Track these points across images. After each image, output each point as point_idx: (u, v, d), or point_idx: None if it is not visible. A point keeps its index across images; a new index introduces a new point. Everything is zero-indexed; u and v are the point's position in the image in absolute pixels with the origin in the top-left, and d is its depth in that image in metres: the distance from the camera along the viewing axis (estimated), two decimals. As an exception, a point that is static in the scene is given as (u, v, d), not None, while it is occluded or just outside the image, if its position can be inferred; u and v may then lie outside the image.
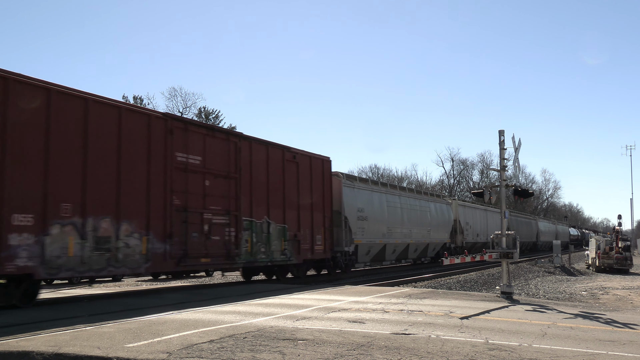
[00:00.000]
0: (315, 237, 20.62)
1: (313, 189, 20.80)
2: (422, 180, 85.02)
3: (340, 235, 22.85)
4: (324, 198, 21.59)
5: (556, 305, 12.94)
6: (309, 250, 20.24)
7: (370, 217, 25.38)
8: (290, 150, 19.92)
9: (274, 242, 18.35)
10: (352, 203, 23.89)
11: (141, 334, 7.93)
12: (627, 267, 33.51)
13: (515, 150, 14.80)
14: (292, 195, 19.60)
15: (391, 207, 28.07)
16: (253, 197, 17.53)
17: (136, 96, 58.30)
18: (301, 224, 19.94)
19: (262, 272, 20.77)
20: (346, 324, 9.09)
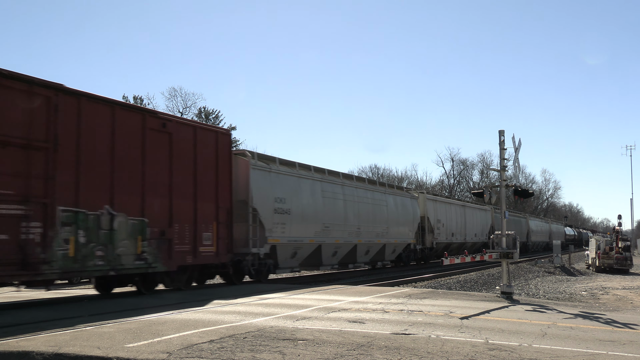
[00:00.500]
0: (200, 235, 15.49)
1: (199, 171, 15.64)
2: (422, 180, 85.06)
3: (246, 233, 18.00)
4: (219, 183, 16.36)
5: (556, 305, 12.94)
6: (190, 252, 15.12)
7: (296, 211, 20.24)
8: (157, 116, 14.73)
9: (122, 242, 13.14)
10: (267, 191, 18.83)
11: (141, 334, 7.93)
12: (627, 267, 33.51)
13: (515, 150, 14.80)
14: (160, 178, 14.36)
15: (329, 198, 22.62)
16: (83, 177, 12.43)
17: (136, 96, 58.35)
18: (175, 216, 14.66)
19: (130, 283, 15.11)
20: (346, 324, 9.09)
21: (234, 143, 60.53)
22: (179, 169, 15.00)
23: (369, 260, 26.91)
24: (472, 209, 41.96)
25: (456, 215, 38.05)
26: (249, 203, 18.01)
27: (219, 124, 62.79)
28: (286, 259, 20.23)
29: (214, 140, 16.52)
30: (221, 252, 16.36)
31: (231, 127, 62.83)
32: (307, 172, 22.03)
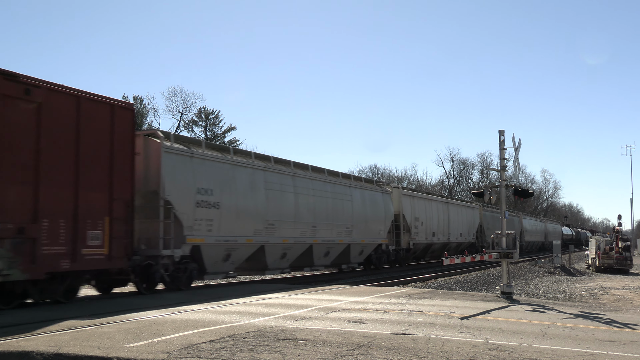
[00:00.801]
0: (84, 233, 12.23)
1: (83, 152, 12.42)
2: (422, 180, 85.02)
3: (156, 231, 14.81)
4: (114, 169, 13.17)
5: (556, 305, 12.94)
6: (67, 256, 11.85)
7: (228, 204, 17.06)
8: (17, 79, 11.28)
9: None
10: (186, 181, 15.71)
11: (141, 334, 7.93)
12: (627, 267, 33.51)
13: (515, 150, 14.81)
14: (20, 159, 11.22)
15: (275, 190, 19.42)
16: None
17: (136, 96, 58.39)
18: (43, 209, 11.44)
19: None
20: (346, 324, 9.09)
21: (233, 142, 60.52)
22: (51, 148, 11.77)
23: (331, 262, 23.80)
24: (457, 206, 38.82)
25: (438, 213, 34.66)
26: (161, 194, 14.92)
27: (219, 124, 62.80)
28: (216, 262, 16.99)
29: (109, 114, 13.19)
30: (115, 255, 12.98)
31: (231, 127, 62.85)
32: (245, 160, 18.58)
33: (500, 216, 15.16)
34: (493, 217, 44.87)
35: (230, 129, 62.85)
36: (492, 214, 45.16)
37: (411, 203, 31.28)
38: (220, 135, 61.96)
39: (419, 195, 34.03)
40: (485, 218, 43.57)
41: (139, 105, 58.18)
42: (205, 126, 61.93)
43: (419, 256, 34.22)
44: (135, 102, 58.18)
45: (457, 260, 15.61)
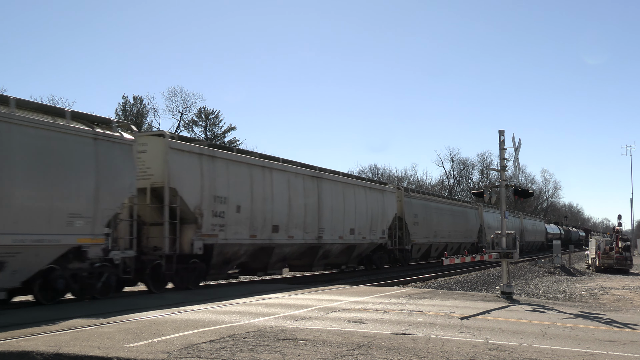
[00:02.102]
0: None
1: None
2: (422, 180, 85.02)
3: None
4: None
5: (556, 305, 12.94)
6: None
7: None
8: None
9: None
10: None
11: (141, 334, 7.93)
12: (627, 267, 33.51)
13: (515, 151, 14.82)
14: None
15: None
16: None
17: (136, 96, 58.34)
18: None
19: None
20: (346, 324, 9.09)
21: (233, 142, 60.53)
22: None
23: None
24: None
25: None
26: None
27: (219, 124, 62.81)
28: None
29: None
30: None
31: (231, 126, 62.84)
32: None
33: (501, 216, 15.16)
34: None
35: (230, 129, 62.87)
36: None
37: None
38: (220, 135, 61.96)
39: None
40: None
41: (139, 105, 58.18)
42: (205, 126, 61.95)
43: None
44: (135, 102, 58.16)
45: (457, 260, 15.62)
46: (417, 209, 31.40)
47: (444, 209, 35.30)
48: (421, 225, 31.54)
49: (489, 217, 43.83)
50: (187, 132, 60.44)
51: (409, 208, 30.41)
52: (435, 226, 33.55)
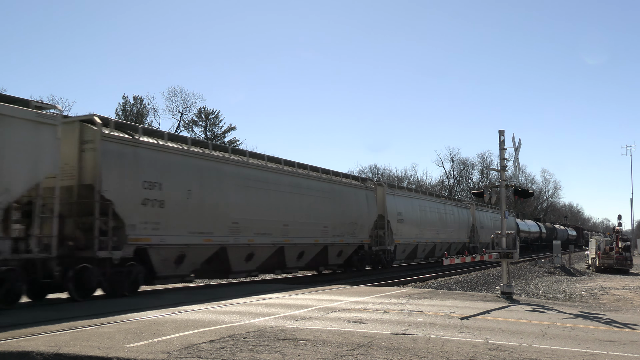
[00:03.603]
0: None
1: None
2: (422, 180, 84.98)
3: None
4: None
5: (556, 306, 12.94)
6: None
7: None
8: None
9: None
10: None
11: (141, 334, 7.93)
12: (627, 267, 33.51)
13: (515, 151, 14.82)
14: None
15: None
16: None
17: (136, 96, 58.31)
18: None
19: None
20: (346, 324, 9.09)
21: (233, 142, 60.52)
22: None
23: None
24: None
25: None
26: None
27: (219, 124, 62.80)
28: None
29: None
30: None
31: (231, 126, 62.82)
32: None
33: (501, 216, 15.16)
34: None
35: (230, 129, 62.87)
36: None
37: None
38: (220, 135, 61.96)
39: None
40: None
41: (139, 105, 58.17)
42: (205, 126, 61.94)
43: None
44: (135, 102, 58.13)
45: (457, 260, 15.62)
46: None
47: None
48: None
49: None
50: (187, 132, 60.50)
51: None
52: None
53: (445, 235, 34.64)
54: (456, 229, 36.74)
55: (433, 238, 32.61)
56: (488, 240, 38.25)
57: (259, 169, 18.94)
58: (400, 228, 28.55)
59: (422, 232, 31.15)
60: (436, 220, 33.36)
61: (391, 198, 28.33)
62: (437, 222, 33.38)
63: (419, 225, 30.93)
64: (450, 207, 36.22)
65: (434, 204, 33.79)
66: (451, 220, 35.91)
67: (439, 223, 33.75)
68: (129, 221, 13.73)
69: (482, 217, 41.91)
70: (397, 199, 29.00)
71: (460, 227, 37.39)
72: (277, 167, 20.08)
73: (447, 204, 35.90)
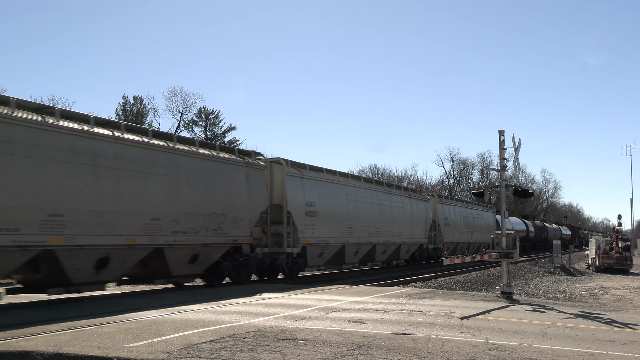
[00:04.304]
0: None
1: None
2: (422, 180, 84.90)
3: None
4: None
5: (556, 305, 12.94)
6: None
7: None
8: None
9: None
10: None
11: (141, 334, 7.93)
12: (627, 267, 33.52)
13: (515, 150, 14.81)
14: None
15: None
16: None
17: (136, 96, 58.33)
18: None
19: None
20: (346, 324, 9.09)
21: (233, 142, 60.54)
22: None
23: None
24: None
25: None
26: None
27: (219, 124, 62.82)
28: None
29: None
30: None
31: (231, 126, 62.82)
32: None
33: (501, 216, 15.16)
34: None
35: (230, 129, 62.89)
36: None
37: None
38: (220, 135, 61.96)
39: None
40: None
41: (139, 105, 58.15)
42: (205, 126, 61.95)
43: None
44: (135, 102, 58.15)
45: (457, 260, 15.62)
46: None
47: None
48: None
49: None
50: (187, 132, 60.53)
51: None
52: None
53: (391, 234, 27.20)
54: (407, 225, 29.13)
55: (369, 238, 25.05)
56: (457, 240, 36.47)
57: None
58: (310, 223, 20.68)
59: (352, 230, 23.49)
60: (375, 214, 25.76)
61: (295, 182, 20.17)
62: (376, 216, 25.78)
63: (346, 220, 23.02)
64: (398, 198, 28.64)
65: (372, 193, 25.93)
66: (399, 214, 28.31)
67: (379, 218, 26.09)
68: None
69: (447, 211, 34.93)
70: (307, 183, 20.82)
71: (414, 223, 29.91)
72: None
73: (394, 194, 28.46)
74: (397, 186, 31.22)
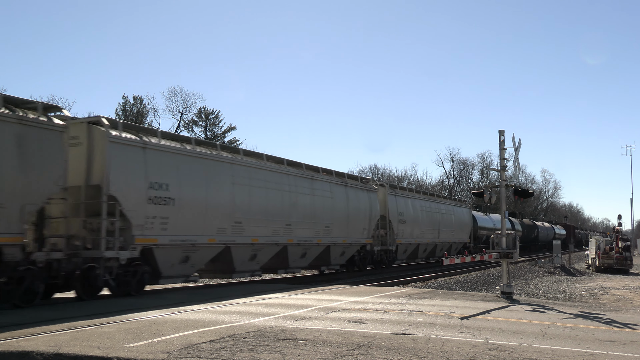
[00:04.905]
0: None
1: None
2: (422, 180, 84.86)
3: None
4: None
5: (556, 305, 12.94)
6: None
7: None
8: None
9: None
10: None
11: (141, 334, 7.93)
12: (627, 267, 33.53)
13: (515, 151, 14.82)
14: None
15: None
16: None
17: (136, 96, 58.31)
18: None
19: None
20: (346, 324, 9.09)
21: (233, 142, 60.54)
22: None
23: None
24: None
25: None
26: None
27: (219, 124, 62.85)
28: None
29: None
30: None
31: (231, 126, 62.83)
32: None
33: (502, 215, 15.16)
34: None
35: (230, 129, 62.90)
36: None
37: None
38: (220, 135, 61.97)
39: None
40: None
41: (139, 105, 58.15)
42: (205, 126, 61.97)
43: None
44: (135, 102, 58.15)
45: (457, 260, 15.62)
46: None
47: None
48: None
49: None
50: (187, 132, 60.53)
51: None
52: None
53: (313, 232, 21.06)
54: (340, 221, 22.72)
55: (274, 237, 18.92)
56: (418, 240, 29.52)
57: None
58: (160, 214, 14.49)
59: (242, 226, 17.38)
60: (284, 205, 19.43)
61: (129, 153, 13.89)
62: (286, 208, 19.50)
63: (231, 212, 17.03)
64: (326, 186, 21.95)
65: (280, 177, 19.39)
66: (328, 206, 21.92)
67: (293, 211, 19.79)
68: None
69: (404, 205, 28.77)
70: (153, 156, 14.54)
71: (351, 218, 23.45)
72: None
73: (319, 180, 21.69)
74: (325, 170, 23.00)
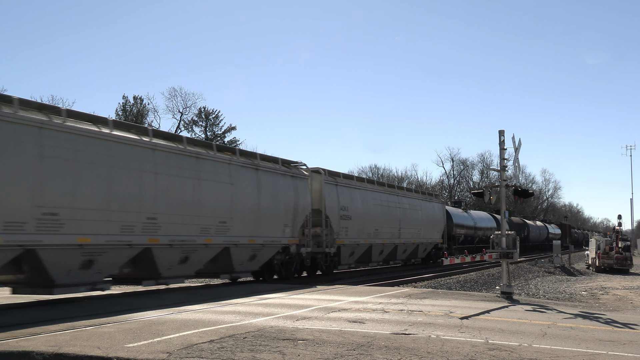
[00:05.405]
0: None
1: None
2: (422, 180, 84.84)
3: None
4: None
5: (556, 305, 12.94)
6: None
7: None
8: None
9: None
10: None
11: (141, 334, 7.93)
12: (627, 267, 33.53)
13: (515, 151, 14.81)
14: None
15: None
16: None
17: (136, 96, 58.31)
18: None
19: None
20: (346, 324, 9.09)
21: (233, 142, 60.51)
22: None
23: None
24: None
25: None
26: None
27: (219, 124, 62.86)
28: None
29: None
30: None
31: (231, 126, 62.84)
32: None
33: (501, 216, 15.15)
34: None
35: (230, 129, 62.89)
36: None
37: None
38: (220, 135, 61.96)
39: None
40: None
41: (139, 105, 58.15)
42: (205, 126, 61.96)
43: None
44: (135, 102, 58.17)
45: (457, 260, 15.63)
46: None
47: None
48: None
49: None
50: (187, 132, 60.51)
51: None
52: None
53: (198, 229, 15.72)
54: (246, 216, 17.64)
55: (122, 234, 13.42)
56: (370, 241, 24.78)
57: None
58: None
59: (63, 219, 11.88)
60: (144, 193, 13.93)
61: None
62: (148, 197, 14.00)
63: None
64: (220, 167, 16.69)
65: (142, 154, 13.99)
66: (225, 195, 16.73)
67: (157, 201, 14.26)
68: None
69: (348, 198, 23.44)
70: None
71: (263, 213, 18.39)
72: None
73: (207, 159, 16.15)
74: (221, 147, 18.28)
